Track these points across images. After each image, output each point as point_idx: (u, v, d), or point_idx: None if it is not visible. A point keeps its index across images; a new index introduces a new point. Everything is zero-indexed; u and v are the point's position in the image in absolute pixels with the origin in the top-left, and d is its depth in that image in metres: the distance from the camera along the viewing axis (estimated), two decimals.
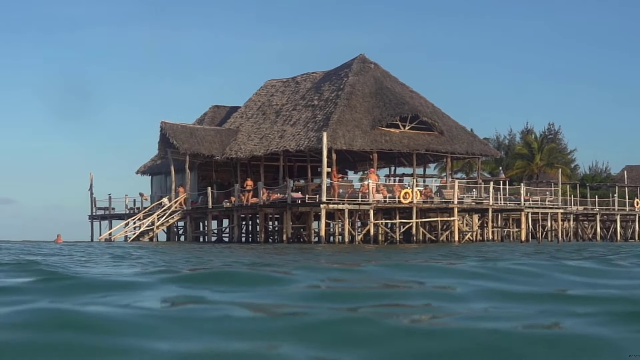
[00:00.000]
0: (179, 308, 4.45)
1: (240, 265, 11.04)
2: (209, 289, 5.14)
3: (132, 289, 5.29)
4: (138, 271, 7.86)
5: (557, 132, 74.86)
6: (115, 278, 6.54)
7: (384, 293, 5.32)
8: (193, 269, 9.06)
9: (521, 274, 6.39)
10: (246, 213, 44.39)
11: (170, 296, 4.97)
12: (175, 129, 45.86)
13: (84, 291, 5.18)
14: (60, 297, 4.90)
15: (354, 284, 6.06)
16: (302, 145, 42.01)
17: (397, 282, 5.99)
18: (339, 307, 4.29)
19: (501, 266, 7.04)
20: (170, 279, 5.87)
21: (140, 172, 52.86)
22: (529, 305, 4.38)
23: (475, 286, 5.32)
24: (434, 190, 42.41)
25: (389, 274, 6.59)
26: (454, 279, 5.94)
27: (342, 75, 46.08)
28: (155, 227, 43.71)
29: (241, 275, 6.16)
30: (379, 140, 41.80)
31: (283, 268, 7.60)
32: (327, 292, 5.35)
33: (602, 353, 3.06)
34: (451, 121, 45.39)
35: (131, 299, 4.65)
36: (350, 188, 40.06)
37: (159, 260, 15.58)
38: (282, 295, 4.90)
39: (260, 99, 50.11)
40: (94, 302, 4.65)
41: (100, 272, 8.30)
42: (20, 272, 7.29)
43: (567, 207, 50.15)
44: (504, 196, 43.31)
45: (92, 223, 51.55)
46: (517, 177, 62.62)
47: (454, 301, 4.69)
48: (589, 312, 4.01)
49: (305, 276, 6.06)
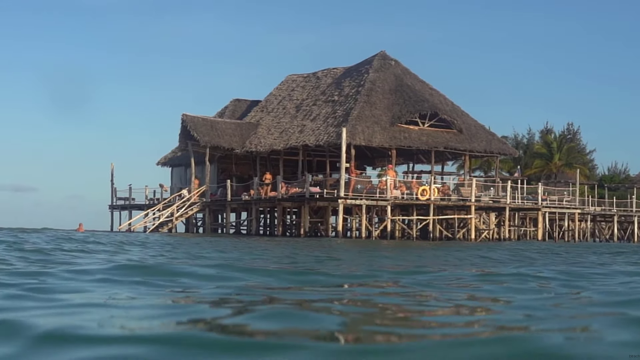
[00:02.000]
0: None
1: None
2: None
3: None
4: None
5: (576, 132, 74.71)
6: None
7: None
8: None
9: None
10: (264, 206, 44.78)
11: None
12: (196, 121, 46.30)
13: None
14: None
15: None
16: (322, 140, 42.32)
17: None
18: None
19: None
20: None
21: (160, 163, 53.37)
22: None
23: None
24: (451, 188, 42.63)
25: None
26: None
27: (363, 71, 46.34)
28: (174, 218, 44.19)
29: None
30: (397, 137, 42.04)
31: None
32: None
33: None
34: (470, 119, 45.55)
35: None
36: (369, 184, 40.35)
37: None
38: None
39: (280, 93, 50.46)
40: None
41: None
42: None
43: (584, 208, 50.18)
44: (522, 195, 43.46)
45: (112, 213, 52.15)
46: (536, 176, 62.59)
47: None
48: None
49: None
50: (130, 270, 8.46)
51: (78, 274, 7.97)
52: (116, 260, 11.77)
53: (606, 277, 9.35)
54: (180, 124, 46.63)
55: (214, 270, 8.64)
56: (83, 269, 8.73)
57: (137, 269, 8.70)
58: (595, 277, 9.21)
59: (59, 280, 7.29)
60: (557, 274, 9.44)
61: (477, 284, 7.85)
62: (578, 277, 8.98)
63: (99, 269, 8.64)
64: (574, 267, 12.01)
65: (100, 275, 7.79)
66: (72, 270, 8.52)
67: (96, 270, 8.36)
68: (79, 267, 9.23)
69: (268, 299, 6.09)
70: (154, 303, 5.72)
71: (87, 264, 9.99)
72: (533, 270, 10.47)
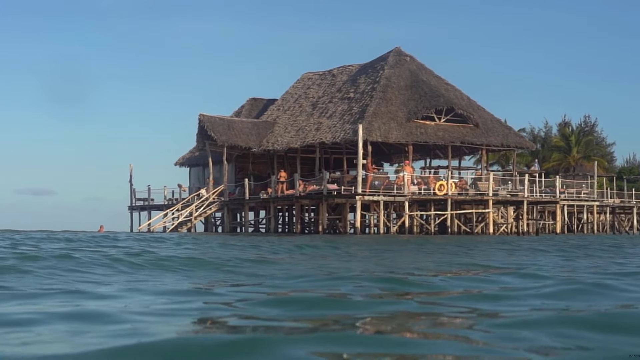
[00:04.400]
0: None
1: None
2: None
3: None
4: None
5: (593, 125, 74.33)
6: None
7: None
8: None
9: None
10: (282, 204, 44.95)
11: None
12: (213, 121, 46.53)
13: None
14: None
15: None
16: (338, 138, 42.43)
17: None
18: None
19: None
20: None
21: (178, 163, 53.66)
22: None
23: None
24: (469, 183, 42.61)
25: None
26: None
27: (378, 68, 46.41)
28: (193, 217, 44.44)
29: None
30: (414, 132, 42.08)
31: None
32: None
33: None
34: (486, 113, 45.51)
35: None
36: (386, 180, 40.41)
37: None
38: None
39: (297, 91, 50.62)
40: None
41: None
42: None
43: (603, 200, 50.00)
44: (540, 188, 43.38)
45: (132, 213, 52.48)
46: (554, 169, 62.42)
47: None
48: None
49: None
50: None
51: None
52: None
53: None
54: (198, 124, 46.87)
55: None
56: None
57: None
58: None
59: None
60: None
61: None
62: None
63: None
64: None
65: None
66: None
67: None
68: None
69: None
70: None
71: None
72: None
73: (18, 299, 6.15)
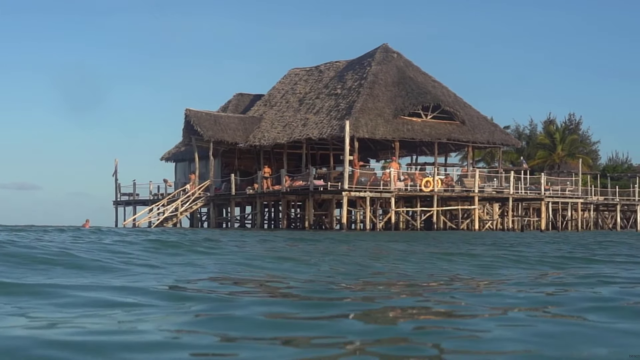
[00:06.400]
0: None
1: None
2: None
3: None
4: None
5: (578, 123, 74.70)
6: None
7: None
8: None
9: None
10: (269, 200, 44.96)
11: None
12: (199, 116, 46.45)
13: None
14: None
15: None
16: (325, 134, 42.45)
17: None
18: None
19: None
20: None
21: (164, 158, 53.53)
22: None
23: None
24: (455, 179, 42.79)
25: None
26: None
27: (365, 64, 46.45)
28: (179, 213, 44.37)
29: None
30: (401, 129, 42.17)
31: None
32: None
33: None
34: (473, 111, 45.68)
35: None
36: (372, 176, 40.50)
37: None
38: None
39: (283, 87, 50.60)
40: None
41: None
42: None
43: (587, 197, 50.31)
44: (525, 185, 43.61)
45: (117, 209, 52.33)
46: (539, 167, 62.73)
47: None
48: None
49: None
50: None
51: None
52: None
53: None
54: (184, 119, 46.77)
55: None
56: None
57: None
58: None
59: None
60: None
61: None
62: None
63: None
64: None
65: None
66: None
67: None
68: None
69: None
70: None
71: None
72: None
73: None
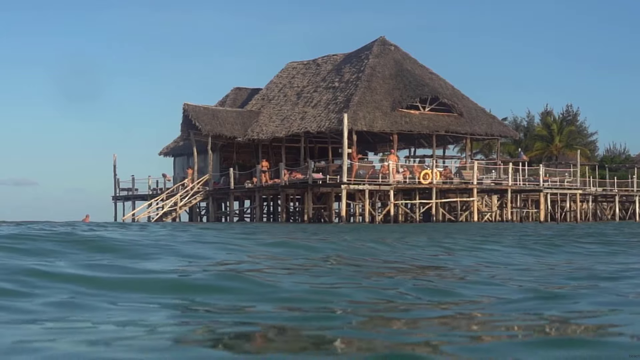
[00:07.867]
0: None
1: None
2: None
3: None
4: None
5: (575, 114, 74.73)
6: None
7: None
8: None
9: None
10: (268, 194, 44.99)
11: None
12: (197, 110, 46.45)
13: None
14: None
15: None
16: (323, 127, 42.47)
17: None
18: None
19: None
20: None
21: (163, 153, 53.53)
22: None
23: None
24: (453, 171, 42.83)
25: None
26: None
27: (363, 57, 46.44)
28: (178, 207, 44.40)
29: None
30: (399, 121, 42.19)
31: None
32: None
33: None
34: (471, 103, 45.69)
35: None
36: (371, 169, 40.54)
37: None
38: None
39: (281, 81, 50.59)
40: None
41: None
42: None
43: (585, 188, 50.38)
44: (523, 177, 43.66)
45: (116, 204, 52.31)
46: (537, 158, 62.77)
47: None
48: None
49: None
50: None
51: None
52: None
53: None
54: (182, 114, 46.76)
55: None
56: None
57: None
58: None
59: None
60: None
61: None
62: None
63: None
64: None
65: None
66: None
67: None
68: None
69: None
70: None
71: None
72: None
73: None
